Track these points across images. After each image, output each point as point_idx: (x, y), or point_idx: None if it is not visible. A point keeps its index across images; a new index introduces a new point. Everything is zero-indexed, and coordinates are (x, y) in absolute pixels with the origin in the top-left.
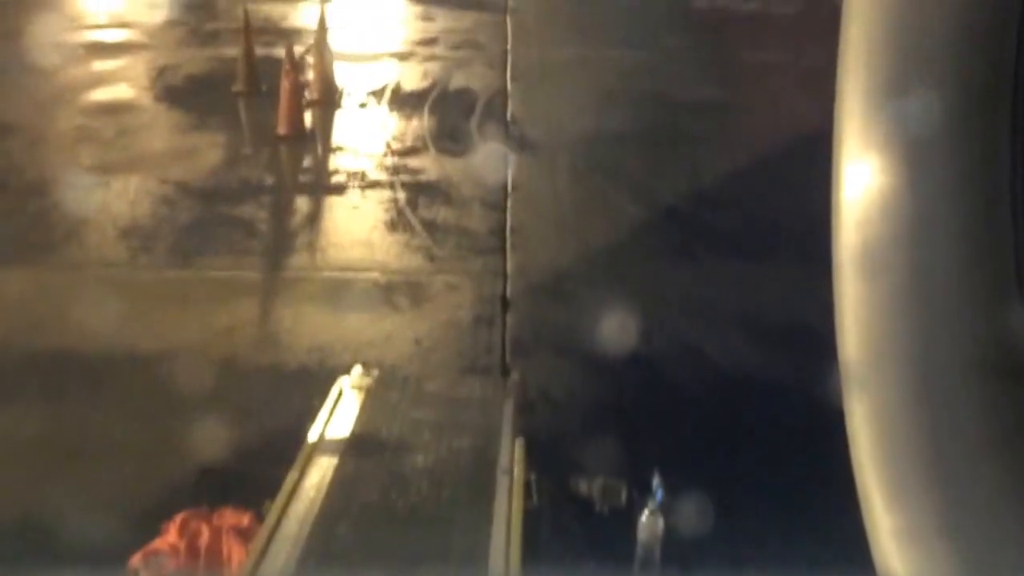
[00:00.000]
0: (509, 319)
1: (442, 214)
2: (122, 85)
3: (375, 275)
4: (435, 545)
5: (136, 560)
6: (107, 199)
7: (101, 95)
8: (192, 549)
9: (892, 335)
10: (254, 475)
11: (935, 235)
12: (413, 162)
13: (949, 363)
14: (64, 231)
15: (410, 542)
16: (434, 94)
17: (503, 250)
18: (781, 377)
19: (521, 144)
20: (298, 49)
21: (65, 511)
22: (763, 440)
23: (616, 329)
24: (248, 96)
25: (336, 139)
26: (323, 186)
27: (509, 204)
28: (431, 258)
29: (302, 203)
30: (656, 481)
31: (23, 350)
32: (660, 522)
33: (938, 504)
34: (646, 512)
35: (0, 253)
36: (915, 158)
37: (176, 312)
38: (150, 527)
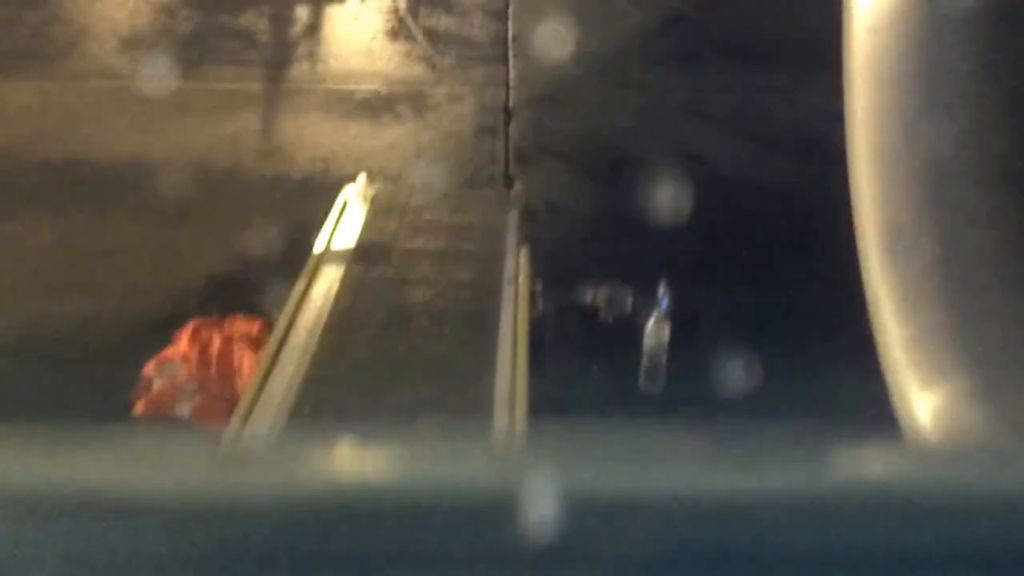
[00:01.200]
0: (512, 128)
1: (443, 22)
2: None
3: (376, 86)
4: (440, 356)
5: (149, 368)
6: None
7: None
8: (204, 357)
9: (904, 142)
10: (261, 283)
11: (948, 40)
12: None
13: (960, 170)
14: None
15: (417, 353)
16: None
17: (505, 59)
18: (784, 181)
19: None
20: None
21: (76, 315)
22: (763, 241)
23: (618, 137)
24: None
25: None
26: None
27: (511, 12)
28: (433, 68)
29: (302, 12)
30: (662, 288)
31: (31, 160)
32: (666, 329)
33: (947, 310)
34: (652, 319)
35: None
36: None
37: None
38: (159, 332)
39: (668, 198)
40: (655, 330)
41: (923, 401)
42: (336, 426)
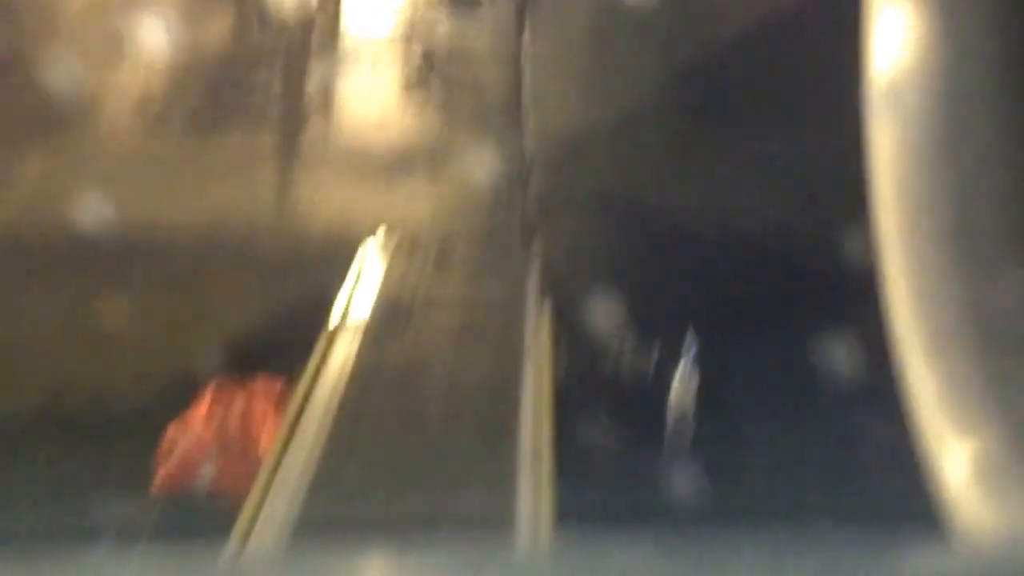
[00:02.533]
0: (530, 179)
1: (458, 75)
2: None
3: (393, 139)
4: (465, 407)
5: (172, 431)
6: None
7: None
8: (226, 418)
9: (931, 199)
10: (283, 342)
11: (967, 66)
12: (431, 19)
13: (985, 226)
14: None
15: (441, 405)
16: None
17: (521, 110)
18: (802, 233)
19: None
20: None
21: (96, 379)
22: (789, 291)
23: (637, 186)
24: None
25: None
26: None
27: (525, 64)
28: (449, 120)
29: (317, 69)
30: (688, 339)
31: (47, 227)
32: (694, 378)
33: (979, 361)
34: (679, 373)
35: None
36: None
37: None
38: (181, 392)
39: (690, 247)
40: (681, 384)
41: (957, 449)
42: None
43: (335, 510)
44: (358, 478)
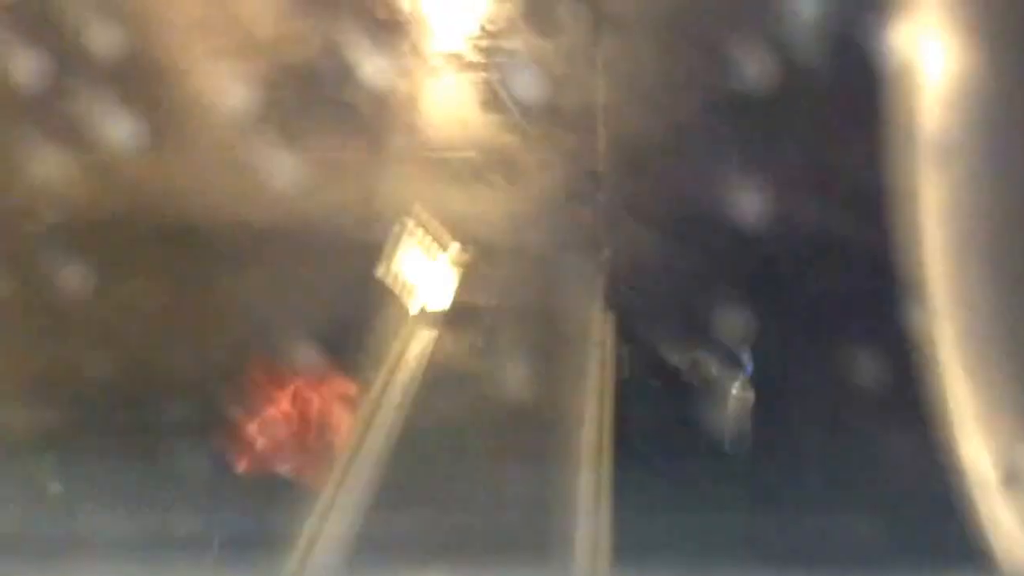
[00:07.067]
0: (601, 194)
1: (535, 92)
2: None
3: (470, 153)
4: (530, 414)
5: (252, 428)
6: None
7: None
8: (304, 417)
9: (974, 218)
10: (359, 344)
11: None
12: (506, 43)
13: None
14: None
15: (507, 411)
16: None
17: (595, 127)
18: (863, 250)
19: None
20: None
21: (182, 367)
22: (853, 305)
23: (708, 202)
24: None
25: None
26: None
27: (600, 81)
28: (524, 136)
29: (401, 84)
30: (746, 355)
31: (147, 225)
32: (750, 395)
33: (1019, 374)
34: (736, 386)
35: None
36: (998, 42)
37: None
38: (260, 385)
39: (757, 262)
40: (740, 394)
41: (997, 462)
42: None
43: (396, 522)
44: (420, 489)
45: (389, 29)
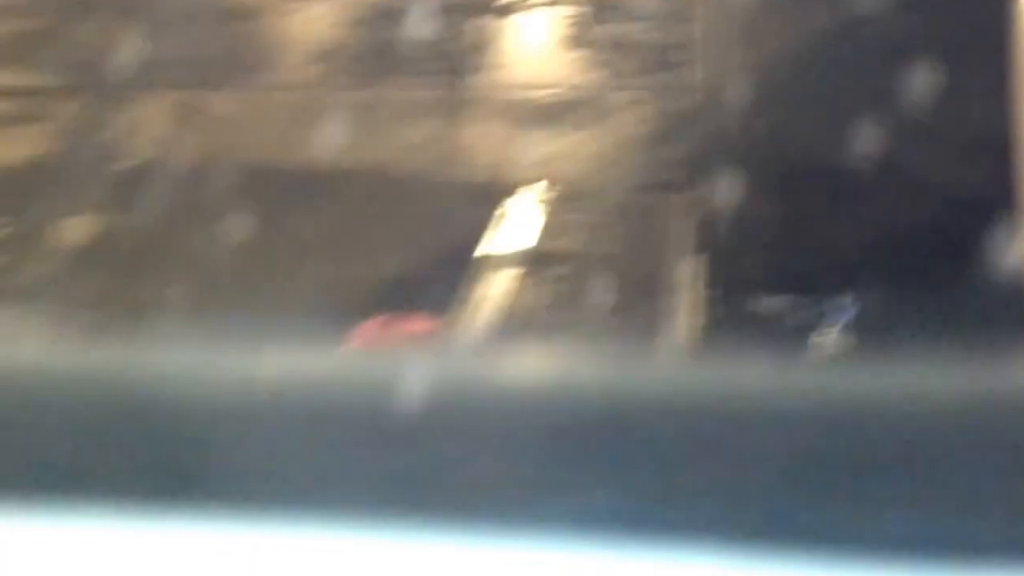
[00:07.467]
0: (693, 135)
1: (624, 28)
2: None
3: (555, 92)
4: (613, 359)
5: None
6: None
7: None
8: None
9: None
10: (442, 283)
11: None
12: None
13: None
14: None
15: (597, 355)
16: None
17: (689, 64)
18: (973, 196)
19: None
20: None
21: (268, 305)
22: (952, 251)
23: (807, 145)
24: None
25: None
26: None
27: (697, 14)
28: (612, 74)
29: (482, 23)
30: (847, 301)
31: (233, 165)
32: (850, 342)
33: None
34: (834, 332)
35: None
36: None
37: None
38: (343, 323)
39: (856, 208)
40: (838, 340)
41: None
42: None
43: None
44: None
45: None
